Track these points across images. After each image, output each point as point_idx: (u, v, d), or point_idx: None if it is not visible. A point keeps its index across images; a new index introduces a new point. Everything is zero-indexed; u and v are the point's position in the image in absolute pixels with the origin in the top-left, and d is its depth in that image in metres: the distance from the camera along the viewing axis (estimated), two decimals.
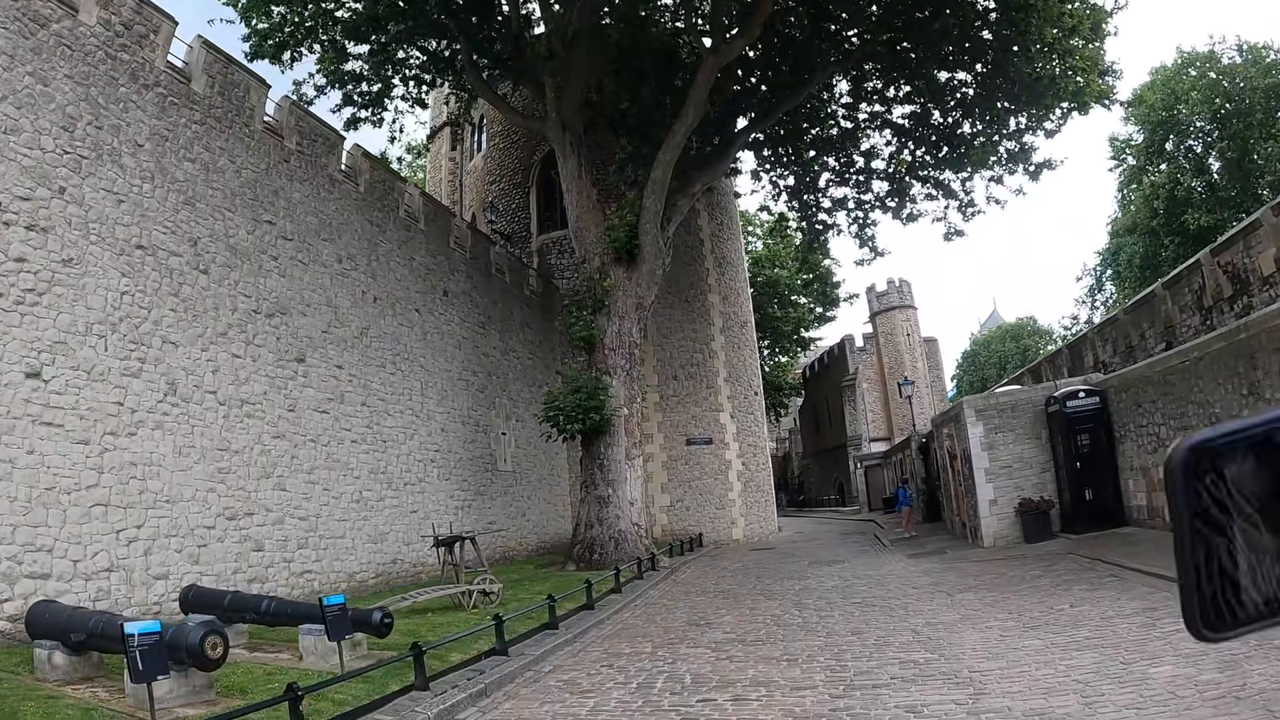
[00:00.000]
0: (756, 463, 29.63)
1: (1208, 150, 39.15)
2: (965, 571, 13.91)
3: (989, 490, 16.83)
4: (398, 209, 19.84)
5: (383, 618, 8.51)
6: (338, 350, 16.73)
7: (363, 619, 8.54)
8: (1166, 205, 37.85)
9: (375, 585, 16.36)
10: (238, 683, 7.91)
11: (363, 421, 17.11)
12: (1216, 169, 38.88)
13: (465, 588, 12.72)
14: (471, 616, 11.61)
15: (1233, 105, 36.53)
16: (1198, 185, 38.32)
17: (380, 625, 8.48)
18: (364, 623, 8.52)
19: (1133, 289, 37.52)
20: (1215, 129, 37.81)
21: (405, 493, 18.04)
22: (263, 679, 8.07)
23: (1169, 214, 37.76)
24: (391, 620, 8.67)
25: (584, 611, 12.65)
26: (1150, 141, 39.76)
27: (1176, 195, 37.80)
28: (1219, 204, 37.52)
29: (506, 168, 32.52)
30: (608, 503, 18.07)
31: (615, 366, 19.02)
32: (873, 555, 19.09)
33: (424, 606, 12.75)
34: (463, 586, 12.77)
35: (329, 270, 16.90)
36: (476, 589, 12.74)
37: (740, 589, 14.59)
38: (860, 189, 28.03)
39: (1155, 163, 40.15)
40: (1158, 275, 25.79)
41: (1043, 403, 17.54)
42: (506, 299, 24.43)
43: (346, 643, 8.71)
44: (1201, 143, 39.33)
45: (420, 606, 12.65)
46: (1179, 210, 37.42)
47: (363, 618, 8.55)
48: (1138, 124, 40.10)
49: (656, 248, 19.66)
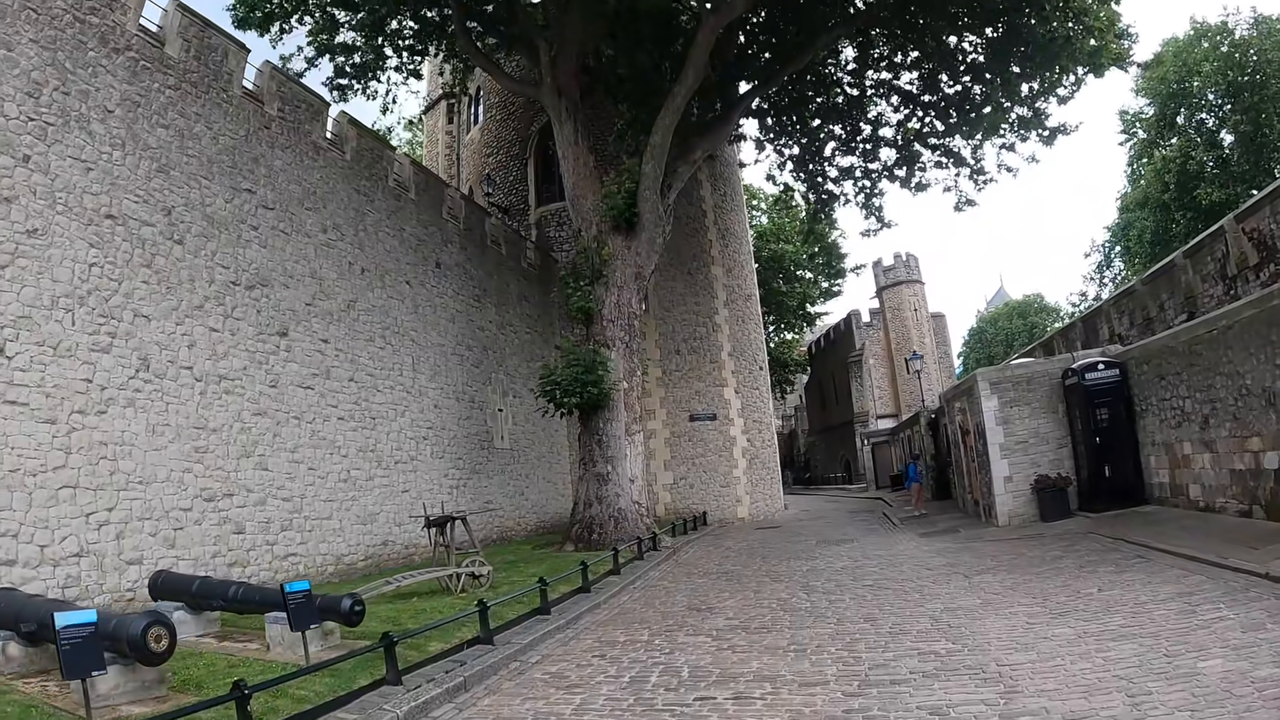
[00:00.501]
0: (762, 439, 28.95)
1: (1220, 124, 38.31)
2: (981, 552, 13.22)
3: (1004, 466, 16.10)
4: (386, 178, 19.10)
5: (353, 605, 7.84)
6: (323, 324, 16.08)
7: (331, 606, 7.87)
8: (1178, 179, 37.28)
9: (365, 568, 15.80)
10: (196, 676, 7.28)
11: (350, 398, 16.47)
12: (1228, 144, 38.10)
13: (453, 570, 12.08)
14: (459, 601, 10.97)
15: (1246, 78, 35.50)
16: (1209, 160, 37.47)
17: (350, 613, 7.82)
18: (332, 610, 7.86)
19: (1143, 264, 37.32)
20: (1228, 102, 36.88)
21: (396, 471, 17.42)
22: (224, 672, 7.45)
23: (1180, 188, 37.15)
24: (363, 608, 8.00)
25: (579, 595, 12.02)
26: (1161, 114, 39.12)
27: (1188, 169, 37.09)
28: (1231, 179, 36.76)
29: (504, 140, 31.65)
30: (607, 480, 17.40)
31: (614, 338, 18.27)
32: (882, 534, 18.42)
33: (410, 590, 12.14)
34: (450, 569, 12.13)
35: (313, 240, 16.24)
36: (465, 572, 12.11)
37: (744, 570, 13.94)
38: (867, 158, 27.13)
39: (1166, 136, 39.57)
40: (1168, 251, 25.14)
41: (1060, 375, 16.76)
42: (503, 272, 23.67)
43: (315, 632, 8.10)
44: (1213, 116, 38.50)
45: (406, 590, 12.03)
46: (1191, 185, 36.88)
47: (331, 605, 7.89)
48: (1149, 97, 39.48)
49: (656, 215, 18.83)
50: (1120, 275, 48.02)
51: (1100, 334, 22.93)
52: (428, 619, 9.58)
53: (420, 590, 12.28)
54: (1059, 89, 23.31)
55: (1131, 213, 42.51)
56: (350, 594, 8.15)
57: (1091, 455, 15.84)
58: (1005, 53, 21.99)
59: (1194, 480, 13.78)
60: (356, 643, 8.17)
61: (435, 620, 9.03)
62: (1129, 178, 44.54)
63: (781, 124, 27.65)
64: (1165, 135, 39.44)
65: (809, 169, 27.73)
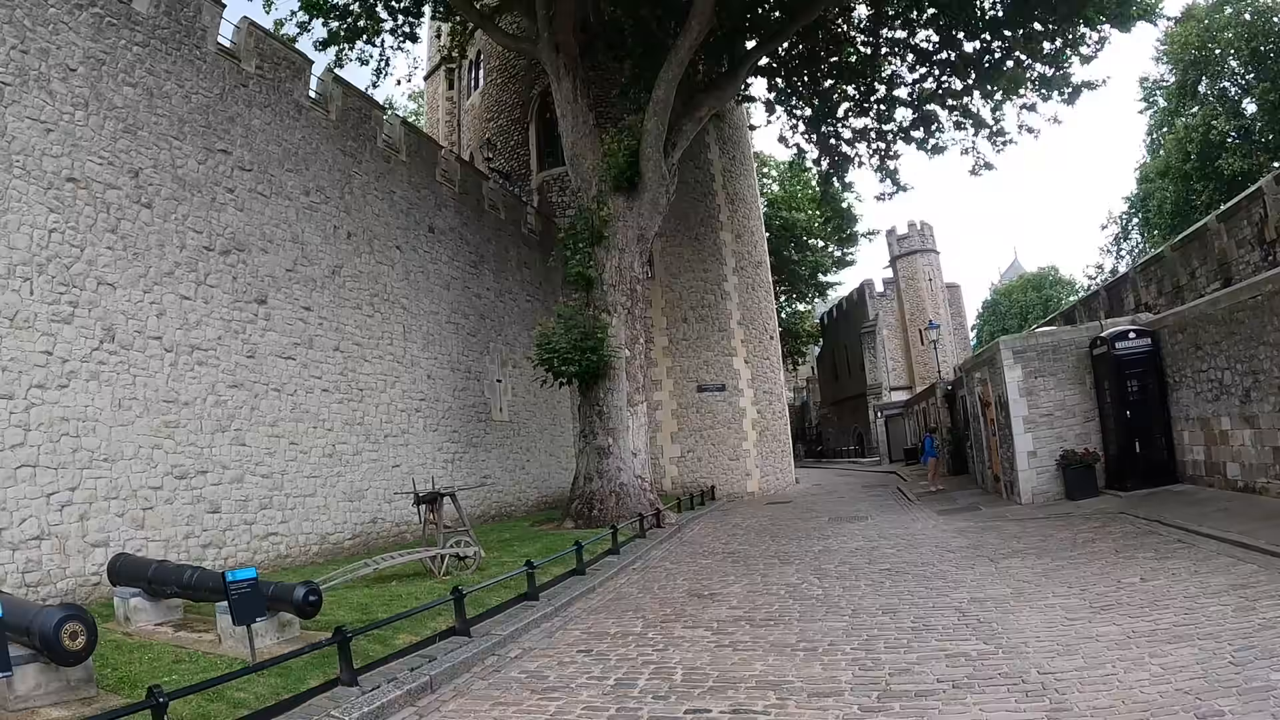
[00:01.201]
0: (773, 411, 28.07)
1: (1243, 93, 36.99)
2: (1006, 532, 12.33)
3: (1027, 441, 15.17)
4: (375, 139, 18.16)
5: (307, 595, 7.01)
6: (305, 290, 15.25)
7: (283, 596, 7.05)
8: (1200, 149, 36.33)
9: (353, 547, 15.12)
10: (135, 674, 6.51)
11: (335, 368, 15.67)
12: (1251, 113, 36.99)
13: (436, 552, 11.31)
14: (440, 585, 10.21)
15: (1271, 46, 34.16)
16: (1231, 129, 36.20)
17: (304, 604, 7.00)
18: (284, 601, 7.05)
19: (1163, 236, 36.44)
20: (1251, 71, 35.55)
21: (386, 446, 16.65)
22: (167, 668, 6.70)
23: (1203, 158, 36.00)
24: (319, 598, 7.17)
25: (572, 578, 11.24)
26: (1183, 82, 37.90)
27: (1211, 139, 35.88)
28: (1255, 148, 35.54)
29: (505, 104, 30.58)
30: (608, 454, 16.57)
31: (615, 304, 17.33)
32: (898, 511, 17.56)
33: (391, 573, 11.40)
34: (433, 550, 11.36)
35: (295, 203, 15.40)
36: (450, 553, 11.34)
37: (752, 550, 13.13)
38: (882, 119, 25.86)
39: (1187, 105, 38.70)
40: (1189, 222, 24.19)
41: (1087, 344, 15.77)
42: (501, 237, 22.72)
43: (272, 623, 7.34)
44: (1235, 85, 37.15)
45: (386, 573, 11.30)
46: (1213, 154, 35.67)
47: (283, 595, 7.07)
48: (1170, 63, 38.20)
49: (659, 174, 17.78)
50: (1138, 248, 47.38)
51: (1126, 303, 21.84)
52: (402, 606, 8.82)
53: (403, 573, 11.54)
54: (1082, 47, 22.08)
55: (1151, 183, 41.79)
56: (306, 582, 7.34)
57: (1121, 430, 14.90)
58: (1027, 7, 20.71)
59: (1232, 458, 12.84)
60: (320, 635, 7.40)
61: (408, 609, 8.24)
62: (1148, 148, 43.86)
63: (792, 85, 26.39)
64: (1186, 103, 38.63)
65: (821, 131, 26.51)
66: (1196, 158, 36.63)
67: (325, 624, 8.10)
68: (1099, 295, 24.48)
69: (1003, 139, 23.82)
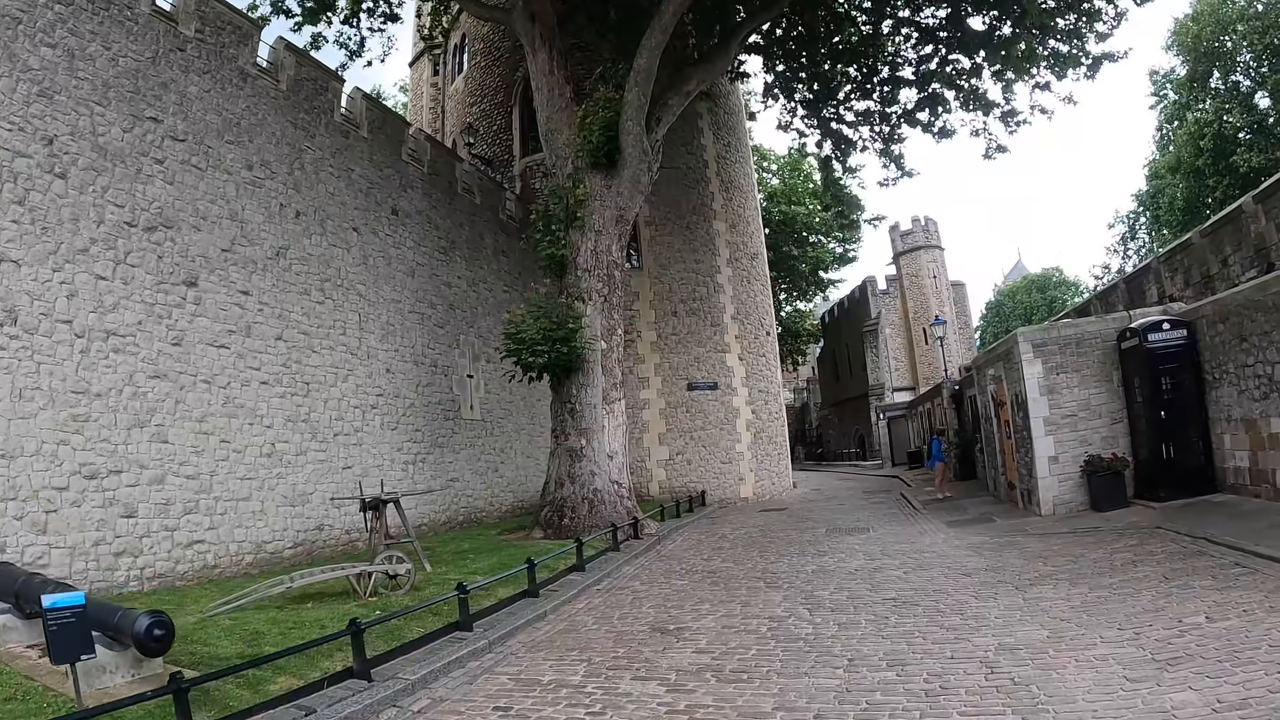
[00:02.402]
0: (769, 411, 26.42)
1: (1256, 86, 35.70)
2: (1028, 550, 10.67)
3: (1048, 444, 13.52)
4: (331, 112, 16.62)
5: (151, 628, 5.41)
6: (243, 273, 13.74)
7: (123, 628, 5.47)
8: (1214, 144, 35.21)
9: (293, 558, 13.57)
10: None
11: (277, 359, 14.12)
12: (1264, 107, 36.25)
13: (362, 569, 9.72)
14: (363, 609, 8.62)
15: None
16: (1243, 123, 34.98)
17: (146, 639, 5.41)
18: (123, 633, 5.46)
19: (1173, 234, 35.22)
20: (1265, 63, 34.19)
21: (335, 445, 15.07)
22: None
23: (1216, 153, 34.56)
24: (166, 632, 5.56)
25: (523, 600, 9.65)
26: (1194, 74, 36.54)
27: (1224, 133, 34.47)
28: (1271, 143, 34.23)
29: (488, 87, 28.97)
30: (581, 456, 14.94)
31: (590, 290, 15.69)
32: (903, 521, 15.89)
33: (313, 590, 9.82)
34: (358, 567, 9.77)
35: (235, 178, 13.96)
36: (377, 570, 9.74)
37: (736, 569, 11.49)
38: (885, 101, 24.23)
39: (1199, 97, 37.76)
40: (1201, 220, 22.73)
41: (1115, 337, 14.15)
42: (476, 223, 21.12)
43: (126, 657, 5.78)
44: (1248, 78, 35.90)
45: (306, 591, 9.71)
46: (1227, 149, 34.40)
47: (123, 626, 5.48)
48: (1180, 54, 36.89)
49: (640, 150, 16.15)
50: (1145, 247, 46.19)
51: (1148, 296, 20.16)
52: (302, 636, 7.23)
53: (328, 591, 9.95)
54: (1098, 23, 20.48)
55: (1161, 179, 40.63)
56: (152, 612, 5.71)
57: (1153, 432, 13.27)
58: None
59: None
60: (188, 671, 5.85)
61: (298, 643, 6.64)
62: (1158, 143, 42.61)
63: (791, 67, 24.80)
64: (1198, 96, 37.68)
65: (821, 114, 24.88)
66: (1210, 152, 35.49)
67: (201, 658, 6.58)
68: (1118, 288, 22.80)
69: (1015, 119, 22.20)
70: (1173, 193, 39.33)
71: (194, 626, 8.16)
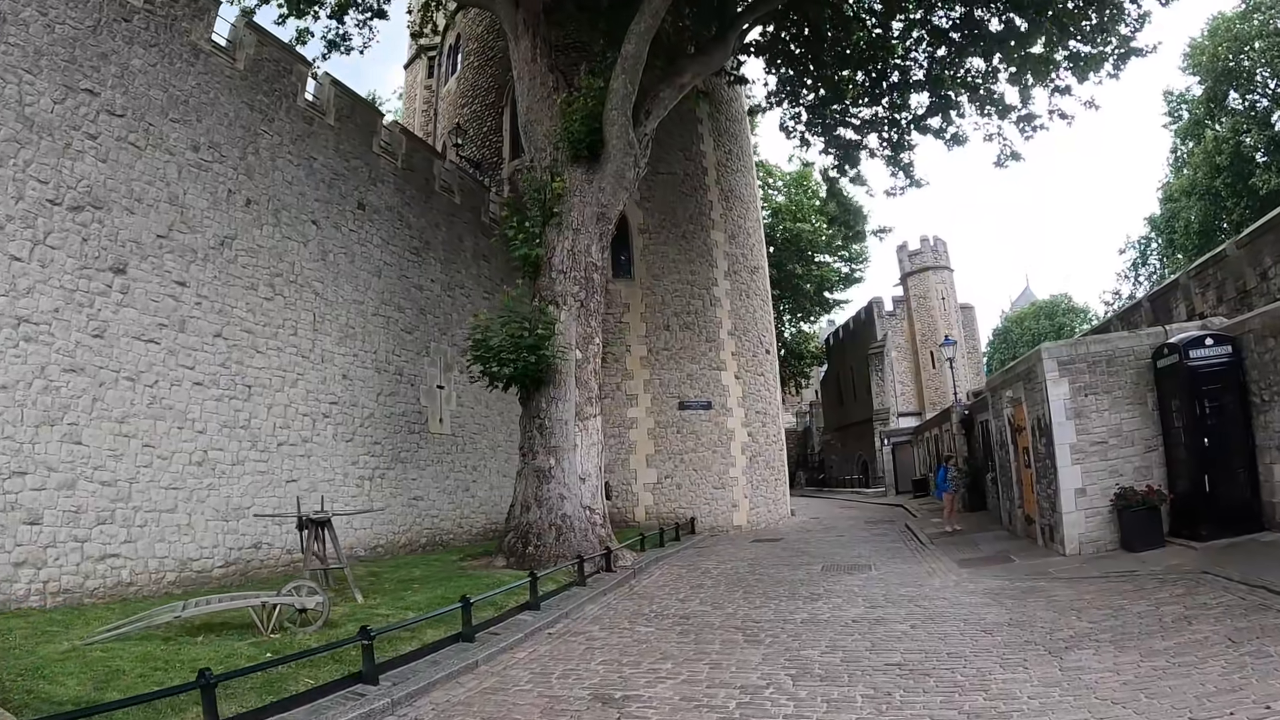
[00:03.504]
0: (766, 434, 24.84)
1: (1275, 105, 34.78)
2: (1057, 599, 9.04)
3: (1075, 475, 11.93)
4: (294, 96, 15.40)
5: None
6: (180, 262, 12.43)
7: None
8: (1231, 161, 34.07)
9: (225, 578, 12.12)
10: None
11: (215, 358, 12.75)
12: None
13: (263, 600, 8.21)
14: (255, 648, 7.11)
15: None
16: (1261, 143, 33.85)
17: None
18: None
19: (1188, 258, 33.80)
20: None
21: (279, 456, 13.61)
22: None
23: (1234, 174, 33.30)
24: None
25: (455, 645, 8.12)
26: (1212, 94, 35.38)
27: (1241, 153, 33.21)
28: None
29: (479, 88, 27.84)
30: (549, 477, 13.39)
31: (565, 294, 14.23)
32: (908, 558, 14.22)
33: (216, 621, 8.32)
34: (259, 597, 8.27)
35: (178, 159, 12.74)
36: (283, 601, 8.23)
37: (714, 614, 9.91)
38: (895, 108, 22.89)
39: (1216, 117, 36.71)
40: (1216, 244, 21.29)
41: (1149, 354, 12.62)
42: (454, 224, 19.76)
43: None
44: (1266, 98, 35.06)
45: (208, 621, 8.23)
46: (1245, 170, 33.15)
47: None
48: (1197, 74, 35.85)
49: (625, 142, 14.75)
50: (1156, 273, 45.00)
51: (1175, 314, 18.61)
52: (163, 681, 5.73)
53: (234, 622, 8.44)
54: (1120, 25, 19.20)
55: (1176, 202, 39.27)
56: None
57: (1194, 462, 11.69)
58: None
59: None
60: None
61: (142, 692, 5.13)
62: (1172, 165, 41.28)
63: (796, 71, 23.52)
64: (1215, 116, 36.62)
65: (827, 120, 23.52)
66: (1228, 171, 34.22)
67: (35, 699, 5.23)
68: (1141, 307, 21.23)
69: (1033, 124, 20.81)
70: (1188, 216, 38.18)
71: (59, 657, 6.76)
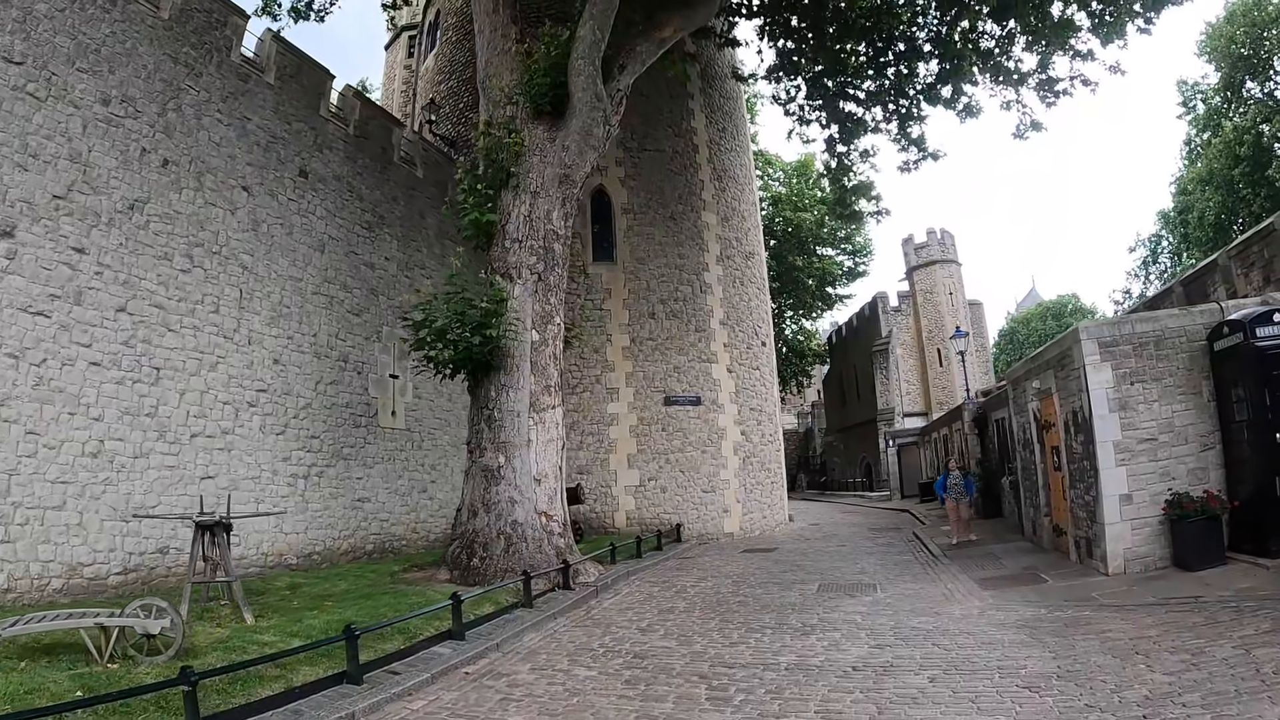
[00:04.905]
0: (761, 433, 22.95)
1: None
2: (1112, 637, 7.09)
3: (1120, 478, 10.01)
4: (228, 51, 13.66)
5: None
6: (80, 226, 10.84)
7: None
8: (1252, 152, 32.69)
9: (122, 586, 10.46)
10: None
11: (117, 335, 11.02)
12: None
13: (96, 620, 6.40)
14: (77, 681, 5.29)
15: None
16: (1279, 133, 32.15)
17: None
18: None
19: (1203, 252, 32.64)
20: None
21: (193, 449, 11.81)
22: None
23: (1255, 163, 31.93)
24: None
25: (335, 689, 6.28)
26: (1229, 81, 33.70)
27: (1262, 143, 32.60)
28: None
29: (457, 63, 26.06)
30: (498, 478, 11.51)
31: (520, 265, 12.35)
32: (919, 575, 12.23)
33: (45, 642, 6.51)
34: (93, 616, 6.46)
35: (84, 113, 11.21)
36: (122, 624, 6.43)
37: (678, 651, 7.99)
38: (903, 79, 21.01)
39: (1234, 105, 35.29)
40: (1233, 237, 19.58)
41: (1202, 335, 10.74)
42: (415, 198, 17.93)
43: None
44: None
45: (37, 642, 6.44)
46: (1264, 159, 31.70)
47: None
48: (1213, 60, 34.65)
49: (593, 95, 12.86)
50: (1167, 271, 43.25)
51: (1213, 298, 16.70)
52: None
53: (66, 641, 6.62)
54: None
55: (1189, 195, 37.55)
56: None
57: (1261, 462, 9.79)
58: None
59: None
60: None
61: None
62: (1186, 156, 39.56)
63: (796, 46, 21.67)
64: (1235, 102, 35.15)
65: (828, 93, 21.63)
66: (1248, 161, 32.70)
67: None
68: (1172, 293, 19.26)
69: (1054, 90, 18.93)
70: (1203, 207, 36.50)
71: None
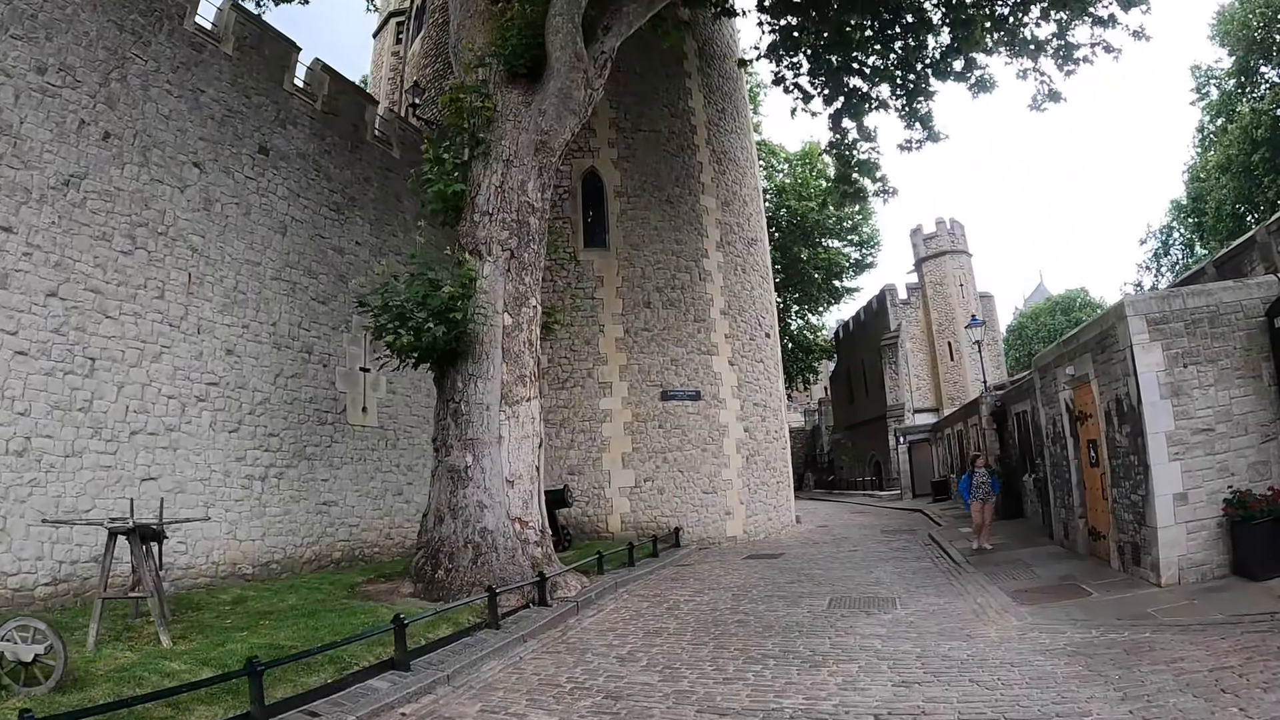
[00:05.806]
0: (766, 429, 21.70)
1: None
2: (1186, 667, 5.81)
3: (1173, 475, 8.72)
4: (180, 18, 12.51)
5: None
6: (7, 203, 10.08)
7: None
8: (1270, 135, 31.47)
9: (52, 598, 9.43)
10: None
11: (47, 322, 9.94)
12: None
13: None
14: None
15: None
16: None
17: None
18: None
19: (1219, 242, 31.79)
20: None
21: (132, 447, 10.66)
22: None
23: (1273, 147, 31.43)
24: None
25: None
26: (1243, 65, 33.56)
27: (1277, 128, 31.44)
28: None
29: (443, 45, 24.78)
30: (465, 479, 10.28)
31: (490, 241, 11.12)
32: (943, 587, 10.83)
33: None
34: None
35: (16, 81, 10.27)
36: None
37: (658, 691, 6.74)
38: (910, 53, 19.76)
39: (1248, 90, 34.17)
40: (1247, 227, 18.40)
41: (1260, 311, 9.49)
42: (390, 180, 16.73)
43: None
44: None
45: None
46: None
47: None
48: (1226, 44, 34.11)
49: (573, 54, 11.61)
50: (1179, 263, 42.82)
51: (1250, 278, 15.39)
52: None
53: None
54: None
55: (1202, 182, 36.42)
56: None
57: None
58: None
59: None
60: None
61: None
62: (1199, 144, 38.95)
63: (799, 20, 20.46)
64: (1247, 88, 34.10)
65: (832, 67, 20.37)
66: (1267, 144, 31.72)
67: None
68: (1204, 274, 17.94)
69: (1073, 58, 17.66)
70: (1220, 195, 35.22)
71: None
